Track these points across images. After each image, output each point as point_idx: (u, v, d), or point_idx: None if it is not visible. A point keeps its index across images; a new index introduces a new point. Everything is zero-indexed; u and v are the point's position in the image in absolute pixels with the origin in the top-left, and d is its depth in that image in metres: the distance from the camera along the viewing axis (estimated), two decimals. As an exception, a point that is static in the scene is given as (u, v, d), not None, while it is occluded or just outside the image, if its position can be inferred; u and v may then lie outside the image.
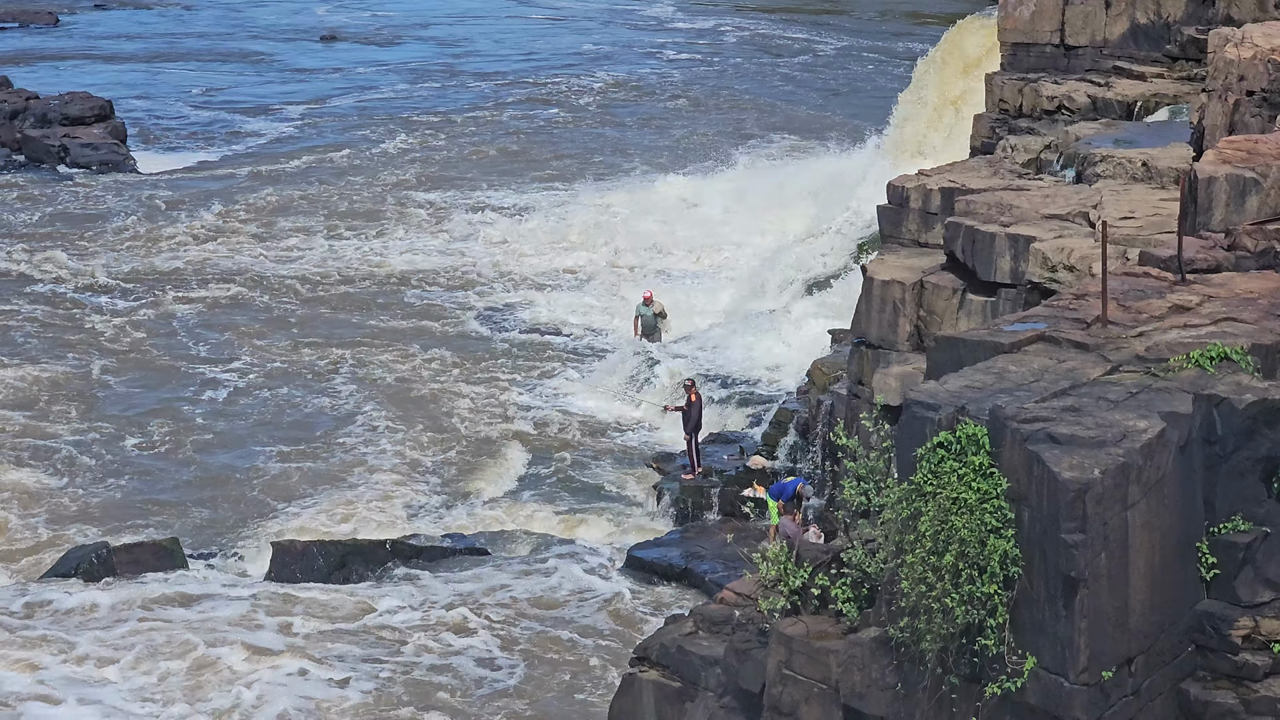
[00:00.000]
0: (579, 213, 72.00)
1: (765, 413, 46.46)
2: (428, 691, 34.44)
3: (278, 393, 52.08)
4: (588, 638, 36.84)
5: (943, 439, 20.57)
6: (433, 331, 57.99)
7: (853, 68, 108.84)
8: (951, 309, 34.65)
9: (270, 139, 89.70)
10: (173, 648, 35.67)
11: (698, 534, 41.65)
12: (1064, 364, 22.25)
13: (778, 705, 22.96)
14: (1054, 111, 46.94)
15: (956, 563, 20.10)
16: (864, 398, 35.80)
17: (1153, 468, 20.14)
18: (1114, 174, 37.15)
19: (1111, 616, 19.89)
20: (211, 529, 42.73)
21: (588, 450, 47.45)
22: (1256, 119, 33.49)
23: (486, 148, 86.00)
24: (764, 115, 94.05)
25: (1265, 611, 21.11)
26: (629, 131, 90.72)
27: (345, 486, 44.94)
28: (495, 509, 44.00)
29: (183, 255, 66.42)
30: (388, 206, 73.61)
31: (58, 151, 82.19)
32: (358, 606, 37.88)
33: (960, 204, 36.03)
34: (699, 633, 27.00)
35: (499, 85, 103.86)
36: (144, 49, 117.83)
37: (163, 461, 47.07)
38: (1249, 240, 26.24)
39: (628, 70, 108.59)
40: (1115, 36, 49.45)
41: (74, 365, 54.20)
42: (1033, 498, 19.93)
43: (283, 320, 59.02)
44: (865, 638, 21.98)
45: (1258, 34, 35.48)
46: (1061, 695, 19.86)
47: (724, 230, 68.28)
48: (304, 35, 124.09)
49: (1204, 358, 21.85)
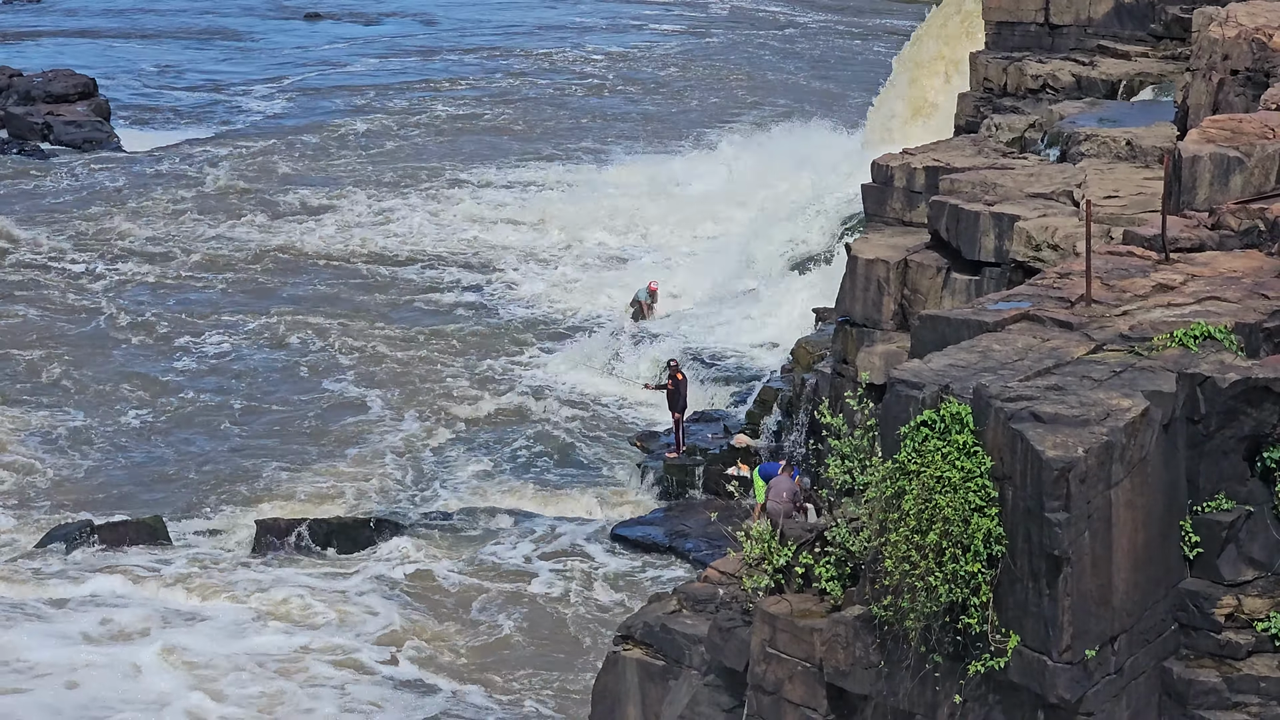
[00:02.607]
0: (562, 190, 71.92)
1: (749, 391, 46.45)
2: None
3: (260, 371, 52.01)
4: (571, 615, 36.86)
5: (927, 417, 20.58)
6: (415, 308, 57.92)
7: (837, 41, 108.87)
8: (936, 288, 34.66)
9: (254, 116, 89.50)
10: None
11: (682, 512, 41.69)
12: (1048, 343, 22.26)
13: (761, 683, 22.98)
14: (1038, 90, 46.94)
15: (940, 541, 20.11)
16: (848, 376, 35.81)
17: (1136, 446, 20.16)
18: (1098, 153, 37.16)
19: (1095, 595, 19.91)
20: (194, 506, 42.62)
21: (571, 428, 47.39)
22: (1240, 98, 33.52)
23: (470, 124, 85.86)
24: (749, 89, 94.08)
25: (1248, 590, 21.16)
26: (614, 108, 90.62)
27: (328, 464, 44.87)
28: (478, 486, 43.94)
29: (163, 231, 66.24)
30: (371, 183, 73.45)
31: (41, 129, 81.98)
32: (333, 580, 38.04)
33: (944, 183, 36.03)
34: (683, 611, 27.01)
35: (483, 60, 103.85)
36: (128, 26, 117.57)
37: (143, 438, 46.96)
38: (1233, 219, 26.26)
39: (613, 44, 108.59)
40: (1100, 15, 49.43)
41: (56, 342, 54.11)
42: (1016, 476, 19.94)
43: (267, 296, 58.90)
44: (849, 616, 22.00)
45: (1242, 13, 35.50)
46: (1045, 673, 19.89)
47: (708, 208, 68.21)
48: (288, 13, 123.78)
49: (1188, 336, 21.86)
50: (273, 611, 36.86)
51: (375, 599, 37.52)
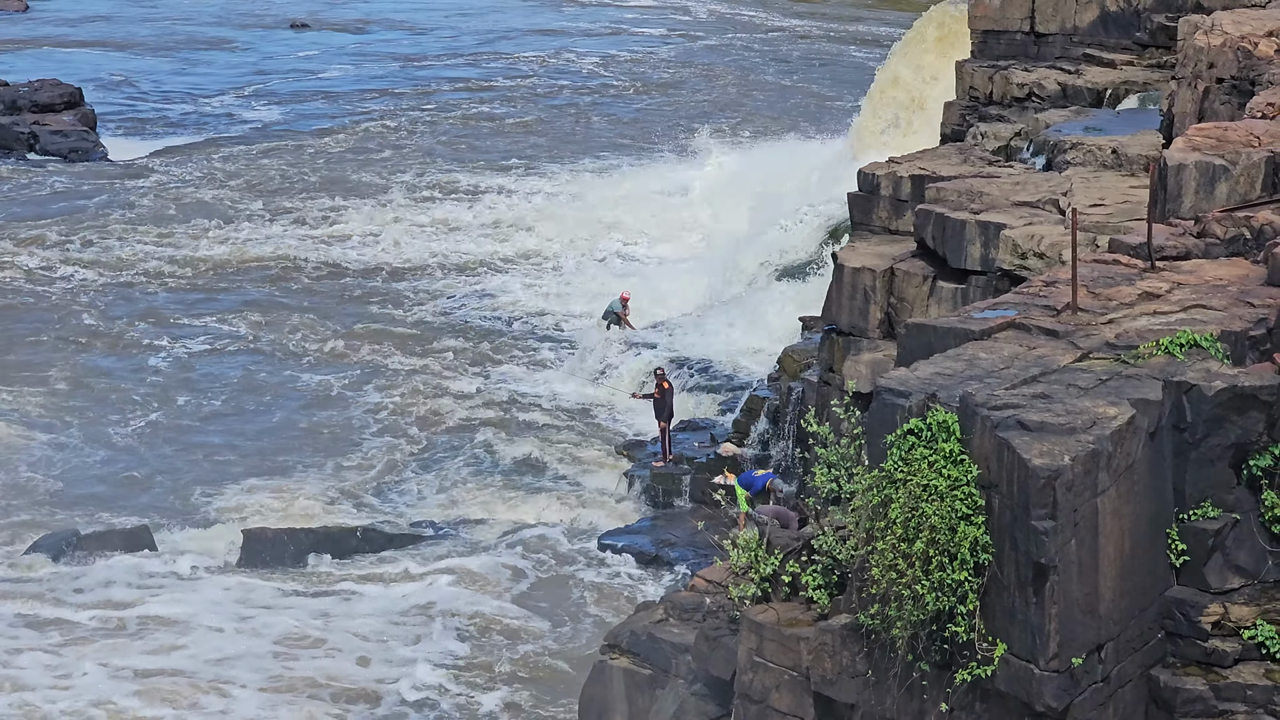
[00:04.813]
0: (548, 200, 71.89)
1: (736, 400, 46.45)
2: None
3: (245, 379, 51.96)
4: (556, 625, 36.84)
5: (913, 426, 20.60)
6: (400, 316, 57.89)
7: (824, 46, 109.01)
8: (922, 296, 34.68)
9: (240, 124, 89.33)
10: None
11: (668, 521, 41.67)
12: (1034, 351, 22.28)
13: (748, 692, 22.98)
14: (1024, 99, 47.01)
15: (927, 549, 20.13)
16: (835, 385, 35.84)
17: (1123, 454, 20.18)
18: (1084, 161, 37.22)
19: (1081, 603, 19.93)
20: (180, 515, 42.53)
21: (558, 437, 47.37)
22: (1226, 106, 33.56)
23: (455, 131, 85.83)
24: (735, 95, 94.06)
25: (1235, 598, 21.19)
26: (599, 114, 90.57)
27: (315, 473, 44.84)
28: (465, 495, 43.92)
29: (148, 239, 66.13)
30: (357, 191, 73.33)
31: (27, 139, 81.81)
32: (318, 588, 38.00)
33: (930, 191, 36.08)
34: (669, 620, 27.04)
35: (466, 67, 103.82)
36: (115, 35, 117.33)
37: (128, 445, 46.88)
38: (1218, 227, 26.29)
39: (597, 50, 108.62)
40: (1085, 24, 49.52)
41: (39, 349, 54.04)
42: (1003, 485, 19.96)
43: (251, 304, 58.83)
44: (836, 625, 22.01)
45: (1227, 21, 35.57)
46: (1031, 682, 19.90)
47: (695, 215, 68.23)
48: (275, 23, 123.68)
49: (1174, 344, 21.89)
50: (260, 622, 36.78)
51: (361, 608, 37.44)
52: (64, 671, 34.51)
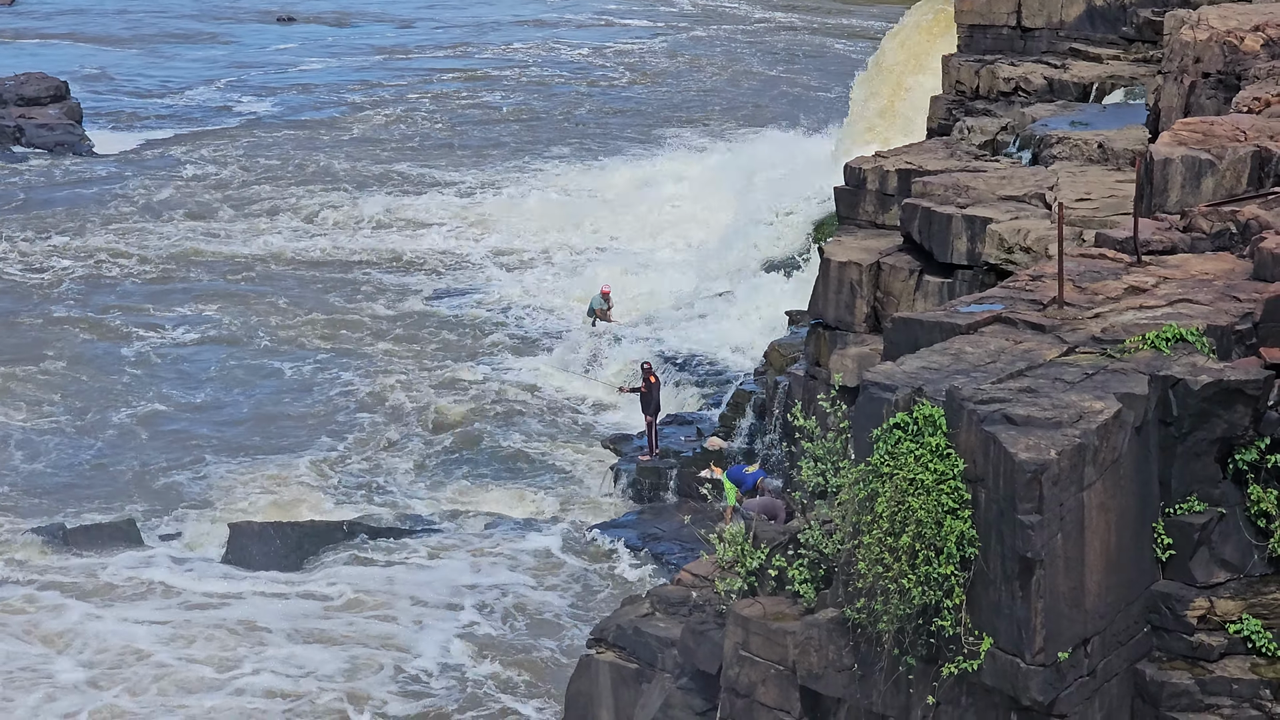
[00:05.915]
0: (533, 193, 71.86)
1: (722, 394, 46.45)
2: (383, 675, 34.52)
3: (230, 373, 51.89)
4: (543, 618, 36.83)
5: (899, 420, 20.58)
6: (385, 310, 57.83)
7: (808, 38, 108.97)
8: (908, 290, 34.69)
9: (226, 117, 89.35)
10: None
11: (655, 515, 41.69)
12: (1020, 345, 22.26)
13: (735, 686, 22.96)
14: (1010, 93, 46.99)
15: (913, 543, 20.11)
16: (821, 379, 35.84)
17: (1109, 449, 20.18)
18: (1070, 155, 37.23)
19: (1067, 597, 19.93)
20: (165, 509, 42.47)
21: (544, 431, 47.36)
22: (1212, 101, 33.57)
23: (441, 126, 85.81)
24: (722, 89, 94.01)
25: (1220, 592, 21.19)
26: (587, 108, 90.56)
27: (301, 467, 44.77)
28: (451, 489, 43.90)
29: (132, 232, 66.07)
30: (343, 184, 73.33)
31: (13, 132, 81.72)
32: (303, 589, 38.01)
33: (917, 185, 36.07)
34: (656, 614, 27.03)
35: (452, 60, 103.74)
36: (101, 29, 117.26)
37: (113, 438, 46.81)
38: (1204, 222, 26.30)
39: (584, 43, 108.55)
40: (1072, 18, 49.50)
41: (21, 342, 53.94)
42: (989, 479, 19.95)
43: (236, 297, 58.75)
44: (822, 619, 22.00)
45: (1213, 16, 35.56)
46: (1018, 676, 19.90)
47: (681, 210, 68.20)
48: (259, 17, 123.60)
49: (1160, 339, 21.88)
50: (246, 617, 36.76)
51: (348, 602, 37.42)
52: (46, 673, 34.52)
